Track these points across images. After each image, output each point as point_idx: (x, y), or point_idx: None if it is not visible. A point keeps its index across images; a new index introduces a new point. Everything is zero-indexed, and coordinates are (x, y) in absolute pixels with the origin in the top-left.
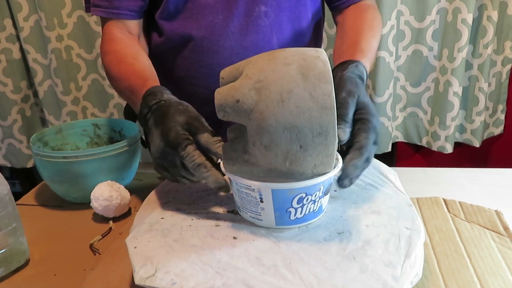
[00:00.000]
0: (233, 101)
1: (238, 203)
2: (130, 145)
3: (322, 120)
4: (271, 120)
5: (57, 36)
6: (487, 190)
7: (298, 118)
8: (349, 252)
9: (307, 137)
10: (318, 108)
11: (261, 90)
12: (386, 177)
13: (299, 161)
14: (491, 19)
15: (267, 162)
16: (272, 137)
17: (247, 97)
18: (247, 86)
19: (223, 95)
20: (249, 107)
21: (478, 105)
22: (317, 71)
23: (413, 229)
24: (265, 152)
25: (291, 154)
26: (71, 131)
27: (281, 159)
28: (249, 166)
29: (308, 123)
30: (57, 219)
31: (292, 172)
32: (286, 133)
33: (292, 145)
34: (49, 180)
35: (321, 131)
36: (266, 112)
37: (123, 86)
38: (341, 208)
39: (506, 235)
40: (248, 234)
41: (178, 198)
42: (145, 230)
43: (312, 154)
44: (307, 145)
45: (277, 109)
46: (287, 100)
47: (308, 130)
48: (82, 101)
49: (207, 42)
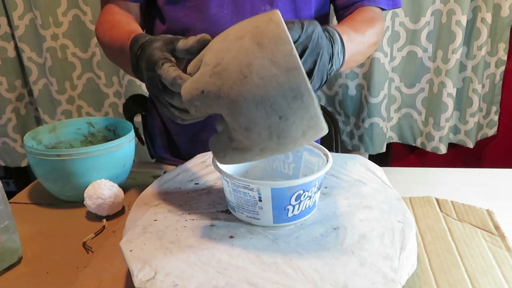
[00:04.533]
0: (198, 93)
1: (232, 203)
2: (124, 144)
3: (291, 83)
4: (240, 100)
5: (52, 35)
6: (479, 190)
7: (266, 89)
8: (347, 246)
9: (282, 106)
10: (283, 72)
11: (221, 73)
12: (374, 173)
13: (285, 132)
14: (485, 21)
15: (254, 144)
16: (248, 117)
17: (210, 85)
18: (207, 74)
19: (187, 90)
20: (215, 94)
21: (472, 106)
22: (271, 34)
23: (405, 222)
24: (247, 134)
25: (274, 127)
26: (65, 129)
27: (266, 136)
28: (240, 153)
29: (278, 91)
30: (50, 217)
31: (284, 145)
32: (260, 108)
33: (271, 118)
34: (42, 178)
35: (295, 95)
36: (233, 93)
37: (115, 48)
38: (334, 204)
39: (497, 234)
40: (245, 232)
41: (168, 200)
42: (139, 232)
43: (295, 121)
44: (286, 113)
45: (241, 87)
46: (249, 75)
47: (281, 98)
48: (77, 100)
49: (209, 34)
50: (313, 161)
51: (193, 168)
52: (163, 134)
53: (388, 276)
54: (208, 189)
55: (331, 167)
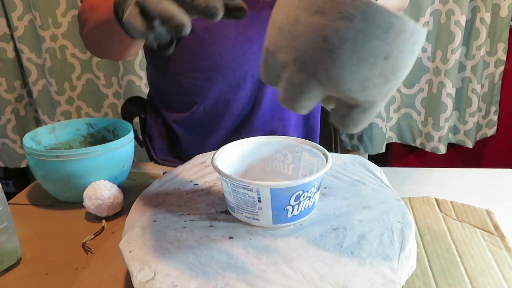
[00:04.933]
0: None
1: (232, 203)
2: (124, 144)
3: (372, 21)
4: (341, 73)
5: (51, 36)
6: (479, 190)
7: (358, 46)
8: (346, 247)
9: (380, 46)
10: (360, 20)
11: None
12: (373, 173)
13: (398, 65)
14: (484, 21)
15: (376, 94)
16: (357, 79)
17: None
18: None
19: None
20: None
21: (471, 106)
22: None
23: (404, 223)
24: (366, 93)
25: (385, 70)
26: (64, 130)
27: (383, 81)
28: (369, 111)
29: (367, 37)
30: (49, 218)
31: (403, 75)
32: (362, 64)
33: (377, 65)
34: (41, 179)
35: (385, 29)
36: (332, 70)
37: (100, 22)
38: (333, 205)
39: (496, 234)
40: (244, 233)
41: (168, 201)
42: (138, 233)
43: (400, 49)
44: (387, 50)
45: (337, 61)
46: (334, 47)
47: (375, 40)
48: (76, 100)
49: (210, 33)
50: (312, 161)
51: (193, 168)
52: (164, 135)
53: (387, 277)
54: (207, 190)
55: (331, 167)
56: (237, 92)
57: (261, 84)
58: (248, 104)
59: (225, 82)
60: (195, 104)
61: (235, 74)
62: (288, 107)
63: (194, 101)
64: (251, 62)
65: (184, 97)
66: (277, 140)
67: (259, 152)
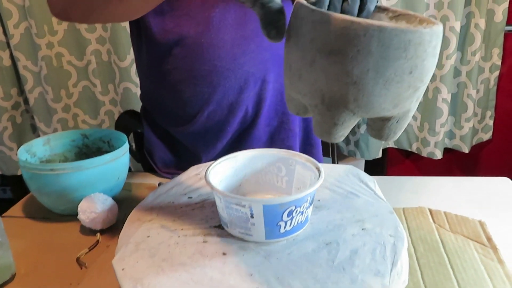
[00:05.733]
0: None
1: (225, 219)
2: (119, 156)
3: (395, 45)
4: (375, 103)
5: (47, 43)
6: (472, 199)
7: (383, 70)
8: (338, 263)
9: (402, 66)
10: (380, 51)
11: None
12: (366, 184)
13: (424, 73)
14: (479, 27)
15: (409, 103)
16: (391, 101)
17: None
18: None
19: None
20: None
21: (466, 111)
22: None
23: (397, 236)
24: (399, 107)
25: (413, 83)
26: (59, 141)
27: (412, 91)
28: (406, 117)
29: (390, 63)
30: (44, 231)
31: (428, 78)
32: (389, 85)
33: (404, 81)
34: (36, 192)
35: (405, 47)
36: (368, 103)
37: None
38: (326, 218)
39: (489, 245)
40: (237, 249)
41: (161, 215)
42: (131, 250)
43: (424, 58)
44: (411, 65)
45: (373, 91)
46: (360, 81)
47: (397, 62)
48: (73, 108)
49: (206, 37)
50: (305, 174)
51: (187, 181)
52: (165, 147)
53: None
54: (201, 203)
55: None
56: (240, 94)
57: (264, 82)
58: (252, 104)
59: (227, 85)
60: (198, 113)
61: (236, 76)
62: (325, 139)
63: (197, 110)
64: (250, 61)
65: (187, 108)
66: (270, 153)
67: (253, 165)
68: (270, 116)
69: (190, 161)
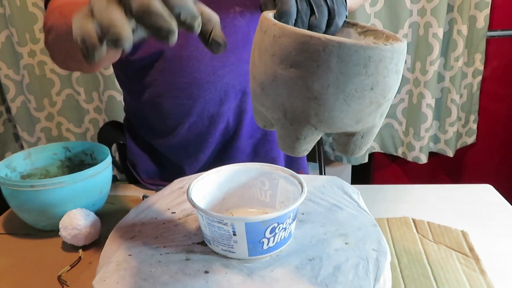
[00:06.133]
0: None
1: (208, 236)
2: (101, 170)
3: (352, 61)
4: (335, 119)
5: (29, 52)
6: (456, 208)
7: (342, 88)
8: (321, 279)
9: (362, 82)
10: (339, 66)
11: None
12: (350, 196)
13: (387, 89)
14: (461, 33)
15: (373, 118)
16: (351, 117)
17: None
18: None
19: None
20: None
21: (451, 116)
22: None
23: (380, 251)
24: (361, 123)
25: (375, 98)
26: (40, 155)
27: (375, 107)
28: (371, 133)
29: (351, 80)
30: (25, 248)
31: (393, 93)
32: (350, 101)
33: (366, 96)
34: (16, 209)
35: (365, 64)
36: (326, 119)
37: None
38: (310, 232)
39: (471, 256)
40: (220, 267)
41: (144, 232)
42: (112, 270)
43: (385, 75)
44: (372, 82)
45: (334, 110)
46: (320, 96)
47: (357, 79)
48: (56, 116)
49: (185, 50)
50: (289, 188)
51: (170, 195)
52: (148, 158)
53: None
54: (184, 219)
55: (308, 190)
56: (221, 106)
57: (244, 94)
58: (233, 116)
59: (207, 97)
60: (179, 125)
61: (216, 88)
62: (289, 153)
63: (177, 122)
64: (230, 73)
65: (167, 120)
66: (254, 167)
67: (236, 180)
68: (253, 128)
69: (174, 172)
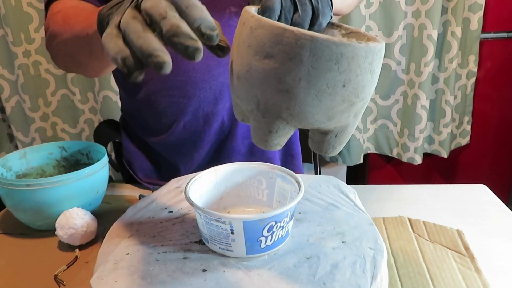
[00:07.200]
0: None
1: (205, 234)
2: (97, 170)
3: (325, 58)
4: (306, 114)
5: (24, 52)
6: (451, 207)
7: (314, 84)
8: (319, 278)
9: (334, 77)
10: (312, 60)
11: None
12: (346, 195)
13: (359, 88)
14: (455, 35)
15: (346, 118)
16: (322, 114)
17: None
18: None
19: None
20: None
21: (445, 117)
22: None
23: (376, 249)
24: (334, 120)
25: (347, 96)
26: (36, 154)
27: (348, 105)
28: (345, 131)
29: (322, 75)
30: (21, 248)
31: (368, 92)
32: (321, 96)
33: (338, 93)
34: (12, 208)
35: (337, 60)
36: (297, 113)
37: (77, 28)
38: (307, 231)
39: (466, 255)
40: (218, 265)
41: (141, 231)
42: (110, 268)
43: (358, 73)
44: (344, 78)
45: (303, 104)
46: (291, 89)
47: (329, 73)
48: (51, 116)
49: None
50: (286, 187)
51: (168, 194)
52: (144, 157)
53: None
54: (182, 218)
55: (305, 190)
56: (215, 104)
57: None
58: (228, 116)
59: (202, 96)
60: (174, 123)
61: (211, 87)
62: (262, 147)
63: (172, 120)
64: (225, 72)
65: (162, 118)
66: (251, 166)
67: (233, 179)
68: (248, 129)
69: (170, 172)
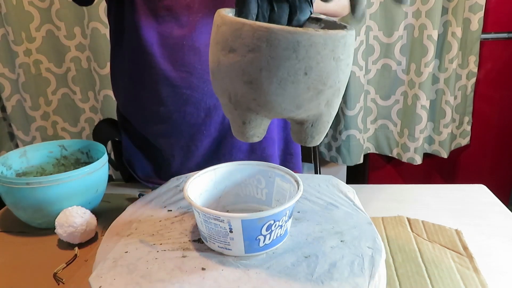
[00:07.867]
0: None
1: (204, 233)
2: (97, 168)
3: (279, 48)
4: (271, 104)
5: (25, 51)
6: (450, 207)
7: (275, 73)
8: (317, 276)
9: (294, 66)
10: (271, 50)
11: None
12: (346, 195)
13: (324, 76)
14: (455, 35)
15: (316, 106)
16: (288, 103)
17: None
18: None
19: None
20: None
21: (445, 117)
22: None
23: (375, 248)
24: (304, 109)
25: (312, 83)
26: (36, 153)
27: (315, 93)
28: (322, 123)
29: (280, 64)
30: (20, 246)
31: (337, 81)
32: (284, 85)
33: (301, 81)
34: (12, 206)
35: (294, 48)
36: (264, 103)
37: None
38: (306, 230)
39: (465, 254)
40: (216, 264)
41: (140, 229)
42: (109, 266)
43: (319, 61)
44: (305, 67)
45: (268, 92)
46: (256, 81)
47: (287, 62)
48: (52, 115)
49: (187, 40)
50: (285, 187)
51: (167, 193)
52: (144, 154)
53: None
54: (181, 216)
55: (304, 189)
56: (217, 99)
57: None
58: None
59: (206, 89)
60: (175, 113)
61: None
62: (240, 139)
63: (174, 109)
64: None
65: (164, 107)
66: (250, 165)
67: (232, 178)
68: None
69: (170, 170)
